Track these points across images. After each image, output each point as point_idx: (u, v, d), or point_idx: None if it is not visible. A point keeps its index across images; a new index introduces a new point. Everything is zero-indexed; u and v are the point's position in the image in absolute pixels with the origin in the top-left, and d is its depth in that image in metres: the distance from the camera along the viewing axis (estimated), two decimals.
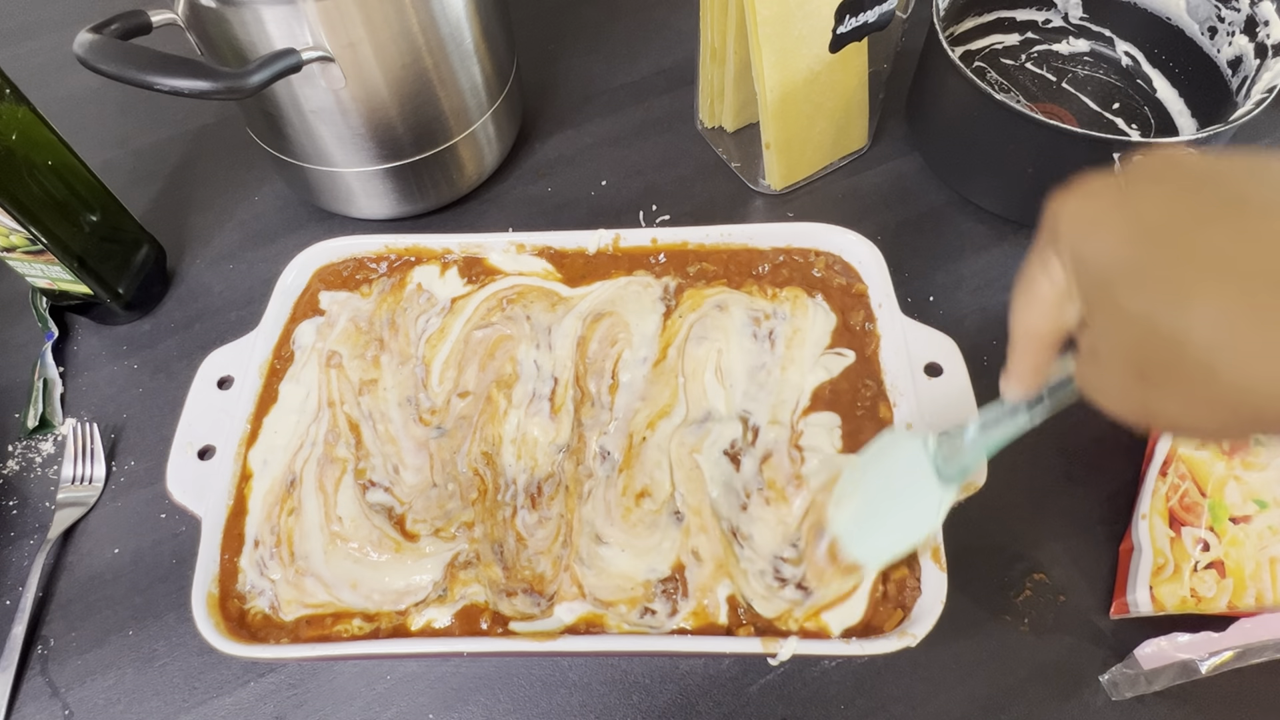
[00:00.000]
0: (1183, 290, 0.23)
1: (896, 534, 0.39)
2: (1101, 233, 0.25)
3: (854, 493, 0.40)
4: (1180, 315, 0.23)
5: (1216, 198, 0.23)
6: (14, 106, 0.51)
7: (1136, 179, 0.25)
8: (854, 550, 0.39)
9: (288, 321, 0.52)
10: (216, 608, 0.42)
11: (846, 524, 0.40)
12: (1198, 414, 0.24)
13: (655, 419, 0.47)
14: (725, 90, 0.66)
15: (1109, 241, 0.25)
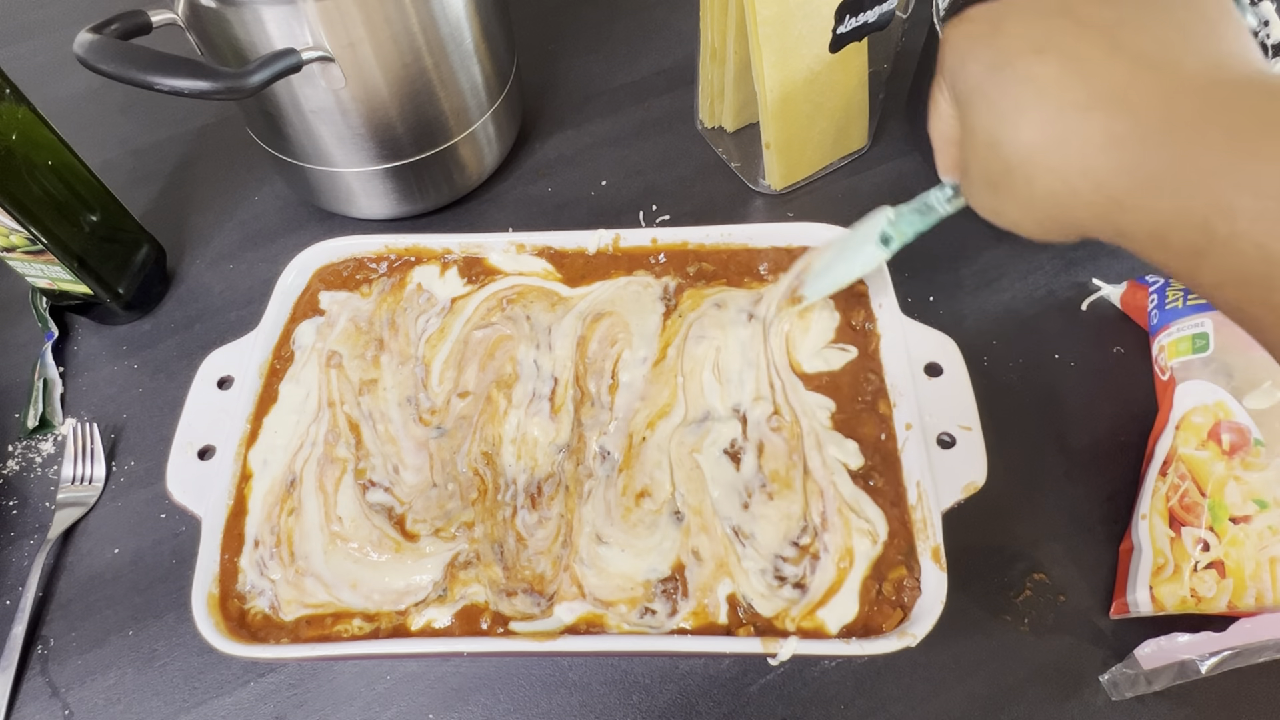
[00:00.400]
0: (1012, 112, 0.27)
1: (834, 278, 0.48)
2: (967, 62, 0.29)
3: (827, 249, 0.49)
4: (1008, 133, 0.28)
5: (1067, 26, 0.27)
6: (14, 106, 0.51)
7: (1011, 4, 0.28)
8: (805, 288, 0.49)
9: (288, 321, 0.52)
10: (216, 608, 0.42)
11: (814, 270, 0.49)
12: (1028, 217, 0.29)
13: (655, 419, 0.47)
14: (725, 90, 0.66)
15: (971, 70, 0.29)
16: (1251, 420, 0.46)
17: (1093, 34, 0.26)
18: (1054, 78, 0.26)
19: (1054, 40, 0.27)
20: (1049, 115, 0.26)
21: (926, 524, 0.42)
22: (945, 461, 0.43)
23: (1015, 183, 0.28)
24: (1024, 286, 0.61)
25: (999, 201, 0.30)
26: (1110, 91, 0.25)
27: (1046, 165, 0.27)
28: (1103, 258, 0.62)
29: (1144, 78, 0.25)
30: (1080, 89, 0.26)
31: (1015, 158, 0.27)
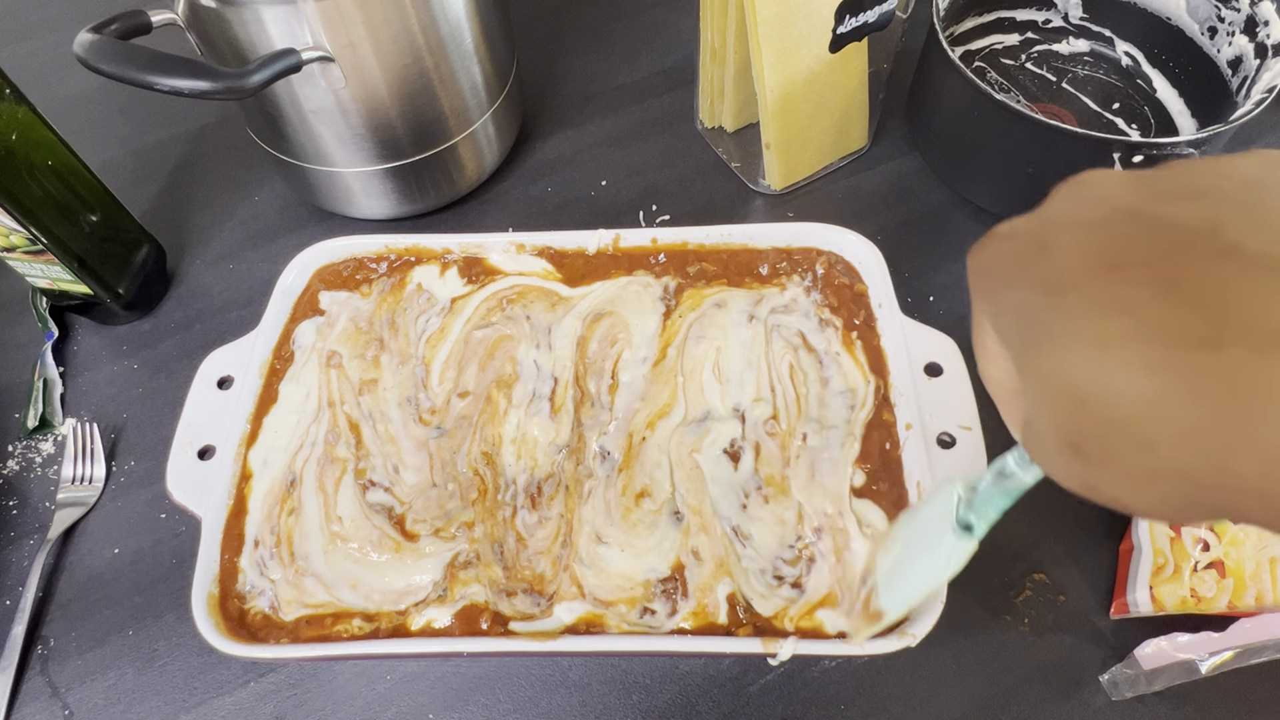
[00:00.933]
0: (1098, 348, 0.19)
1: (915, 583, 0.38)
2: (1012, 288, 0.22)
3: (893, 542, 0.40)
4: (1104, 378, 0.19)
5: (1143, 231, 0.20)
6: (14, 106, 0.51)
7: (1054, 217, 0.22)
8: (881, 598, 0.39)
9: (288, 321, 0.52)
10: (216, 608, 0.42)
11: (883, 572, 0.40)
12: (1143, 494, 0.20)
13: (655, 419, 0.47)
14: (725, 90, 0.66)
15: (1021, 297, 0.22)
16: None
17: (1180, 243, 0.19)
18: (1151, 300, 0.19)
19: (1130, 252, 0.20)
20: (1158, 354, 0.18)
21: None
22: (945, 461, 0.43)
23: (1119, 449, 0.19)
24: None
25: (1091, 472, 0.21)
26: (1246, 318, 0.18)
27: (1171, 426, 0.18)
28: None
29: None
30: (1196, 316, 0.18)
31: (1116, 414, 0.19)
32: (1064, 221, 0.22)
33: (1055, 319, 0.20)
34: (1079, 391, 0.20)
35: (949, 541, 0.34)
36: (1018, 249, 0.22)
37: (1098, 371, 0.19)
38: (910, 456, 0.44)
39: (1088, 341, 0.19)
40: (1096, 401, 0.19)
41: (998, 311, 0.23)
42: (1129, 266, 0.19)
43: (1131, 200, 0.21)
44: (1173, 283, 0.19)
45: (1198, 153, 0.53)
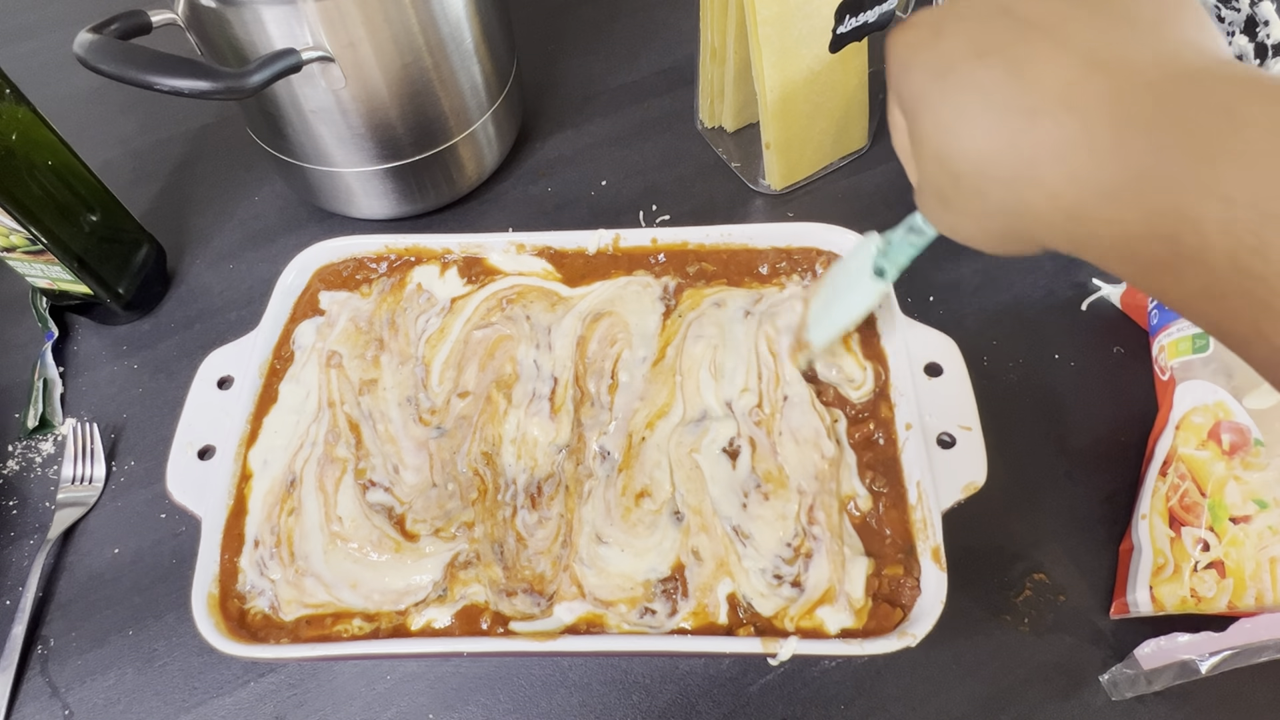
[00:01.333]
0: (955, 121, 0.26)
1: (837, 318, 0.45)
2: (910, 71, 0.27)
3: (821, 287, 0.47)
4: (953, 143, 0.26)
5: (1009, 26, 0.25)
6: (14, 106, 0.51)
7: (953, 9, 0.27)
8: (809, 331, 0.47)
9: (288, 321, 0.52)
10: (216, 608, 0.42)
11: (814, 311, 0.47)
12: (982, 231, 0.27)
13: (654, 419, 0.47)
14: (725, 90, 0.66)
15: (914, 78, 0.27)
16: (1251, 420, 0.46)
17: (1036, 33, 0.25)
18: (997, 81, 0.25)
19: (996, 42, 0.25)
20: (993, 122, 0.25)
21: (926, 524, 0.42)
22: (945, 461, 0.43)
23: (965, 196, 0.26)
24: (1024, 286, 0.61)
25: (952, 217, 0.28)
26: (1057, 94, 0.23)
27: (995, 177, 0.25)
28: None
29: (1092, 77, 0.23)
30: (1025, 93, 0.24)
31: (962, 169, 0.26)
32: (957, 14, 0.27)
33: (935, 96, 0.26)
34: (942, 154, 0.26)
35: (865, 284, 0.42)
36: (920, 37, 0.27)
37: (954, 138, 0.26)
38: (910, 456, 0.44)
39: (952, 114, 0.26)
40: (953, 161, 0.26)
41: (899, 90, 0.28)
42: (990, 54, 0.25)
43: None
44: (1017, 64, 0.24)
45: None
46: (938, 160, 0.27)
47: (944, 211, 0.28)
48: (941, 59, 0.26)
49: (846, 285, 0.44)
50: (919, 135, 0.27)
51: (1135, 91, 0.22)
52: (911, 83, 0.27)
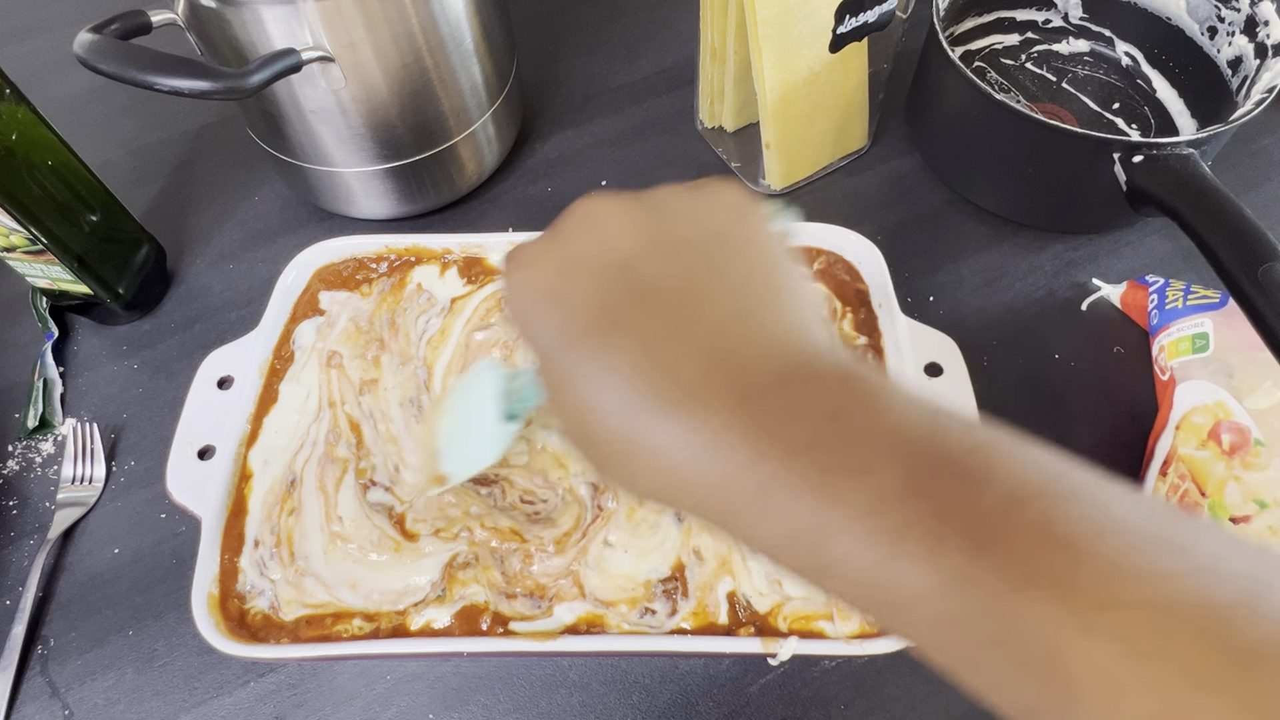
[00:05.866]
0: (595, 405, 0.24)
1: (473, 456, 0.42)
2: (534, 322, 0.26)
3: (451, 411, 0.43)
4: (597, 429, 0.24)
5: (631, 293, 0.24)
6: (14, 106, 0.51)
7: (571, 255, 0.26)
8: (443, 463, 0.43)
9: (288, 321, 0.52)
10: (216, 608, 0.42)
11: (444, 439, 0.43)
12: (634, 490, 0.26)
13: None
14: (725, 90, 0.66)
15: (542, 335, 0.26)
16: (1251, 420, 0.46)
17: (658, 313, 0.24)
18: (630, 368, 0.23)
19: (621, 316, 0.24)
20: (635, 417, 0.23)
21: None
22: None
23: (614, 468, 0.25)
24: (1024, 286, 0.61)
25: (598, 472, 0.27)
26: (688, 390, 0.23)
27: (645, 469, 0.24)
28: (1102, 258, 0.62)
29: (717, 374, 0.23)
30: (659, 385, 0.23)
31: (613, 455, 0.24)
32: (577, 266, 0.26)
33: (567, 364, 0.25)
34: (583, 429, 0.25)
35: (499, 427, 0.39)
36: (540, 284, 0.26)
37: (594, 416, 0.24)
38: None
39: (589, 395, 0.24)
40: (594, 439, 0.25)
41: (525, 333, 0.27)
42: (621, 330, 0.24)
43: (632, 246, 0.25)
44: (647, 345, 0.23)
45: (1197, 153, 0.53)
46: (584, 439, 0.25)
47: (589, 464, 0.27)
48: (568, 322, 0.25)
49: (476, 419, 0.41)
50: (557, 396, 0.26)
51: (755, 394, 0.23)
52: (538, 337, 0.26)
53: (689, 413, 0.23)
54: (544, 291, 0.25)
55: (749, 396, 0.23)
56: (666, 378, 0.23)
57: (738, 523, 0.23)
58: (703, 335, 0.24)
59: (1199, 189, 0.50)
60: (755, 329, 0.24)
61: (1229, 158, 0.66)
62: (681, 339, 0.24)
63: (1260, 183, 0.67)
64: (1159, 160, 0.52)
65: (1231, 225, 0.48)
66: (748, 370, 0.23)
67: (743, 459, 0.22)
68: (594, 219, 0.26)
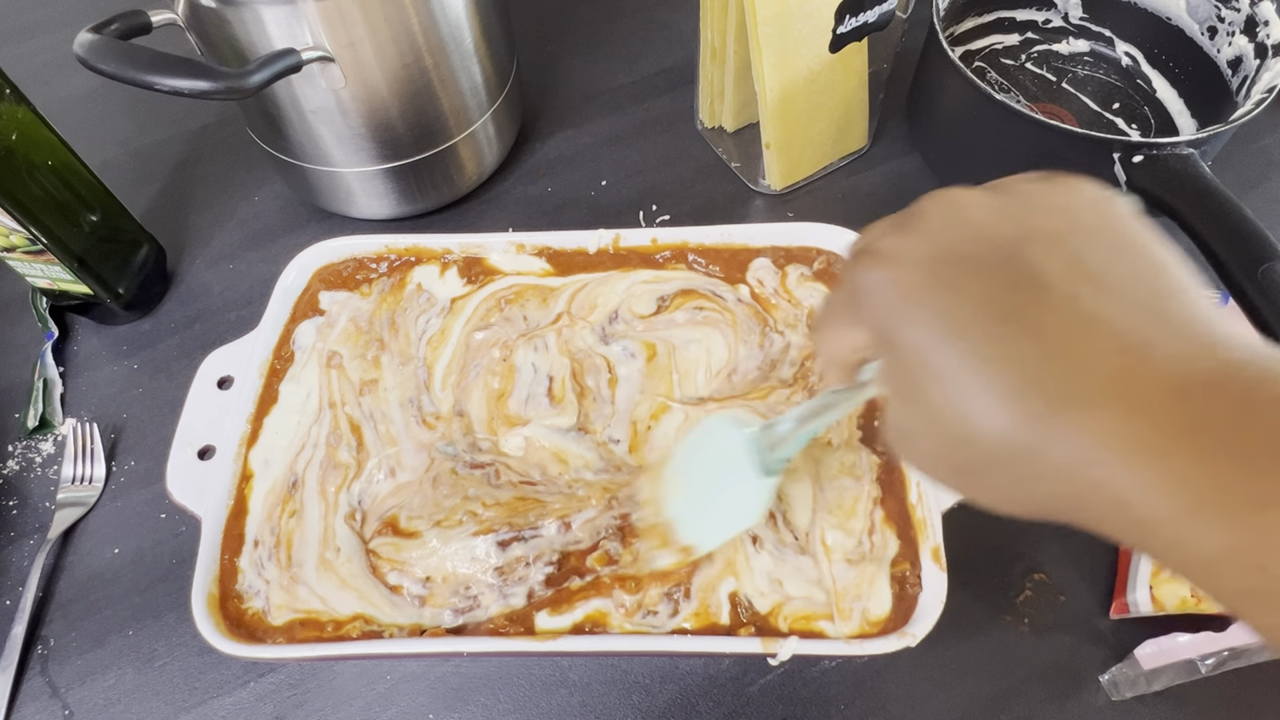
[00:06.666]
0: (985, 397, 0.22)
1: (725, 519, 0.40)
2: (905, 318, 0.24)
3: (683, 476, 0.41)
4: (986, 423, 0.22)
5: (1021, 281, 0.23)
6: (14, 106, 0.51)
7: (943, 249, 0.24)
8: (686, 534, 0.41)
9: (288, 321, 0.52)
10: (216, 608, 0.42)
11: (678, 508, 0.41)
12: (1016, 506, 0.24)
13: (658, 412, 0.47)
14: (725, 90, 0.66)
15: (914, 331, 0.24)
16: None
17: (1055, 303, 0.22)
18: (1033, 359, 0.22)
19: (1014, 304, 0.22)
20: (1039, 409, 0.21)
21: (926, 524, 0.42)
22: None
23: (1002, 477, 0.23)
24: None
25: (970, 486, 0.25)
26: (1111, 384, 0.21)
27: (1045, 466, 0.22)
28: None
29: (1140, 368, 0.21)
30: (1072, 378, 0.21)
31: (999, 451, 0.22)
32: (950, 257, 0.24)
33: (950, 360, 0.23)
34: (969, 433, 0.23)
35: (755, 484, 0.36)
36: (914, 279, 0.24)
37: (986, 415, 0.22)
38: None
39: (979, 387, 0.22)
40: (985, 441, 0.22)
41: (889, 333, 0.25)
42: (1013, 320, 0.22)
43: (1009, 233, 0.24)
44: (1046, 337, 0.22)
45: (1197, 153, 0.53)
46: (961, 437, 0.23)
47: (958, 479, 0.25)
48: (952, 315, 0.23)
49: (719, 478, 0.39)
50: (926, 399, 0.24)
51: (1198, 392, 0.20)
52: (909, 334, 0.24)
53: (1107, 411, 0.21)
54: (918, 284, 0.24)
55: (1186, 395, 0.20)
56: (1076, 371, 0.21)
57: (1157, 535, 0.21)
58: (1113, 327, 0.21)
59: (1199, 189, 0.50)
60: (1170, 320, 0.22)
61: (1229, 158, 0.66)
62: (1091, 330, 0.21)
63: (1260, 183, 0.67)
64: (1159, 160, 0.52)
65: (1231, 225, 0.48)
66: (1177, 364, 0.21)
67: (1180, 467, 0.20)
68: (957, 209, 0.25)
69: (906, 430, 0.25)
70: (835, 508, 0.43)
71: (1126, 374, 0.21)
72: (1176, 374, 0.20)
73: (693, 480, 0.41)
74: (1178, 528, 0.20)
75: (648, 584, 0.42)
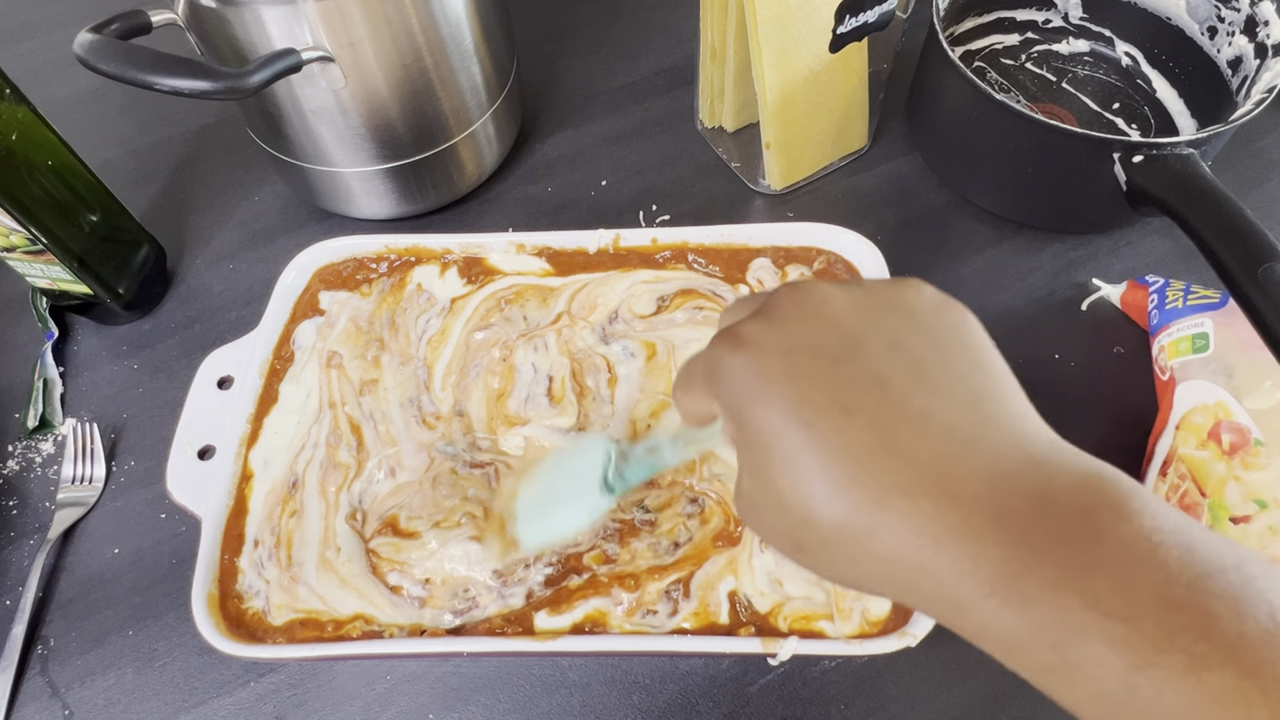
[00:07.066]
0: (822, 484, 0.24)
1: (556, 526, 0.41)
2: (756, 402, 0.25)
3: (540, 478, 0.43)
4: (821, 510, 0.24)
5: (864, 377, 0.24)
6: (14, 106, 0.51)
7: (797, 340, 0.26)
8: (520, 529, 0.42)
9: (288, 321, 0.52)
10: (216, 608, 0.42)
11: (525, 503, 0.42)
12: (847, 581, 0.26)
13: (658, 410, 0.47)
14: (725, 90, 0.66)
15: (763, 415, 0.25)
16: (1251, 420, 0.46)
17: (894, 399, 0.24)
18: (868, 450, 0.23)
19: (857, 399, 0.24)
20: (871, 497, 0.23)
21: None
22: None
23: (834, 557, 0.25)
24: (1024, 286, 0.61)
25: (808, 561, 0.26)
26: (932, 475, 0.23)
27: (872, 552, 0.23)
28: (1102, 258, 0.62)
29: (958, 462, 0.23)
30: (900, 469, 0.23)
31: (834, 535, 0.24)
32: (805, 348, 0.25)
33: (795, 447, 0.24)
34: (808, 515, 0.24)
35: (593, 497, 0.37)
36: (768, 366, 0.25)
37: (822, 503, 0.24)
38: None
39: (822, 477, 0.24)
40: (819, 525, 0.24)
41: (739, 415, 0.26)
42: (855, 413, 0.24)
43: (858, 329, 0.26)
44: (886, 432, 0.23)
45: (1197, 153, 0.53)
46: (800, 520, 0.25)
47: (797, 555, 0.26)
48: (803, 402, 0.24)
49: (568, 487, 0.40)
50: (768, 478, 0.25)
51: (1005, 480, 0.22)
52: (758, 417, 0.25)
53: (927, 499, 0.22)
54: (772, 374, 0.25)
55: (994, 487, 0.22)
56: (903, 463, 0.23)
57: (967, 615, 0.23)
58: (939, 423, 0.23)
59: (1199, 189, 0.50)
60: (989, 418, 0.24)
61: (1229, 158, 0.66)
62: (921, 425, 0.23)
63: (1260, 183, 0.67)
64: (1159, 160, 0.52)
65: (1231, 225, 0.48)
66: (989, 460, 0.23)
67: (986, 550, 0.22)
68: (814, 303, 0.26)
69: (754, 503, 0.26)
70: None
71: (946, 466, 0.23)
72: (989, 469, 0.23)
73: (546, 482, 0.42)
74: (983, 608, 0.22)
75: (645, 581, 0.42)
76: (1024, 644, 0.22)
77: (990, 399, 0.24)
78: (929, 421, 0.23)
